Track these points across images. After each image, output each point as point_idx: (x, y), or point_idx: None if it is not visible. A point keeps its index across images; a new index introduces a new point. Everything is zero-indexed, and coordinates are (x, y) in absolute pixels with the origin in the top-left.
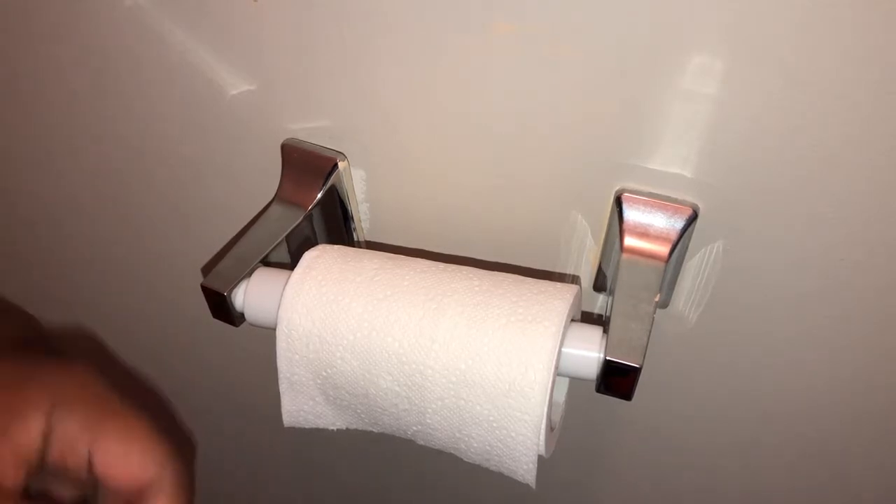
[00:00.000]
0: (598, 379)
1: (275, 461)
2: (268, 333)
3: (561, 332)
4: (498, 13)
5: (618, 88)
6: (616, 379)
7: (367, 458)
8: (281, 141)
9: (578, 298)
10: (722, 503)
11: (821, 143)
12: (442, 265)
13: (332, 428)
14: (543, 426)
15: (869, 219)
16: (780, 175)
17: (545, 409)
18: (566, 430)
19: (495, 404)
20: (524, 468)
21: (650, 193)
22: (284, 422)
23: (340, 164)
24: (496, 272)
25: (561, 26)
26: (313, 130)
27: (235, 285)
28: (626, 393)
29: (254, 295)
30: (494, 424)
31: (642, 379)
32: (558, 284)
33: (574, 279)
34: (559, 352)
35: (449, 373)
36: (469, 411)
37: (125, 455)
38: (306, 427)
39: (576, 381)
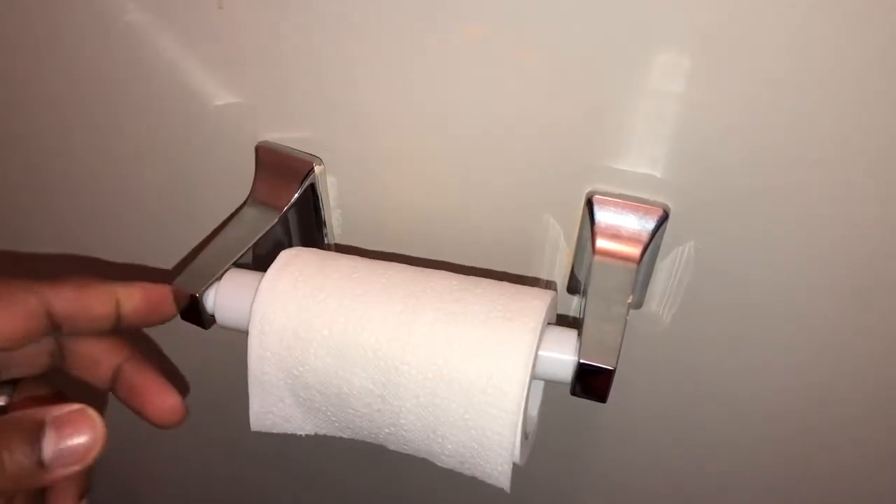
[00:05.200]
0: (572, 382)
1: (252, 465)
2: (240, 337)
3: (539, 329)
4: (467, 18)
5: (587, 90)
6: (590, 381)
7: (344, 464)
8: (251, 146)
9: (555, 301)
10: (698, 502)
11: (792, 142)
12: (420, 267)
13: (300, 433)
14: (519, 424)
15: (842, 219)
16: (750, 175)
17: (522, 406)
18: (542, 432)
19: (471, 401)
20: (498, 470)
21: (621, 195)
22: (252, 425)
23: (317, 168)
24: (473, 276)
25: (530, 29)
26: (283, 137)
27: (207, 287)
28: (600, 395)
29: (225, 296)
30: (469, 423)
31: (617, 380)
32: (535, 288)
33: (549, 284)
34: (537, 350)
35: (425, 368)
36: (444, 409)
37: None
38: (274, 431)
39: (551, 385)
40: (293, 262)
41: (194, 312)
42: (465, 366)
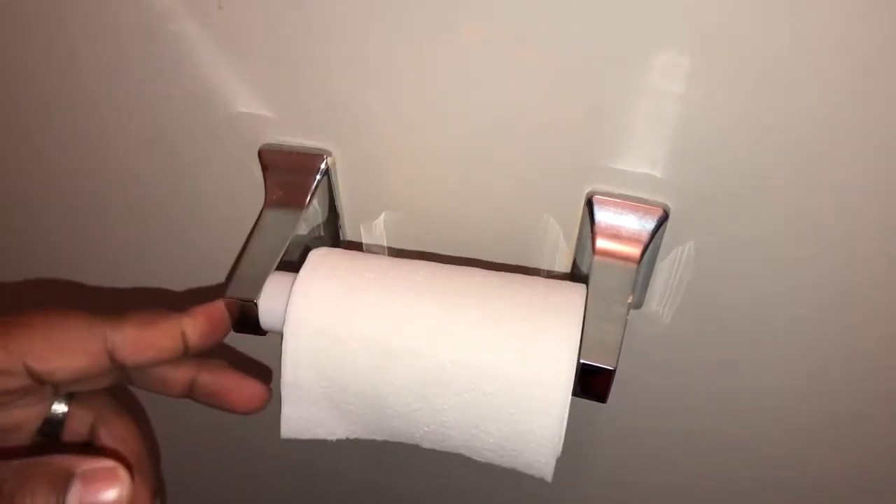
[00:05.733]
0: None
1: (270, 465)
2: (262, 340)
3: (581, 324)
4: (468, 17)
5: (587, 90)
6: (591, 381)
7: (365, 463)
8: (253, 147)
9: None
10: (699, 501)
11: (792, 142)
12: (453, 266)
13: (331, 438)
14: (565, 417)
15: (842, 218)
16: (750, 175)
17: (568, 398)
18: None
19: (518, 396)
20: (542, 461)
21: (621, 195)
22: (283, 432)
23: (328, 160)
24: (504, 272)
25: (530, 29)
26: (283, 138)
27: (259, 294)
28: (600, 395)
29: (272, 300)
30: (515, 417)
31: (617, 380)
32: (567, 282)
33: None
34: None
35: (470, 365)
36: (489, 405)
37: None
38: (304, 437)
39: None
40: (324, 263)
41: (251, 321)
42: (511, 362)
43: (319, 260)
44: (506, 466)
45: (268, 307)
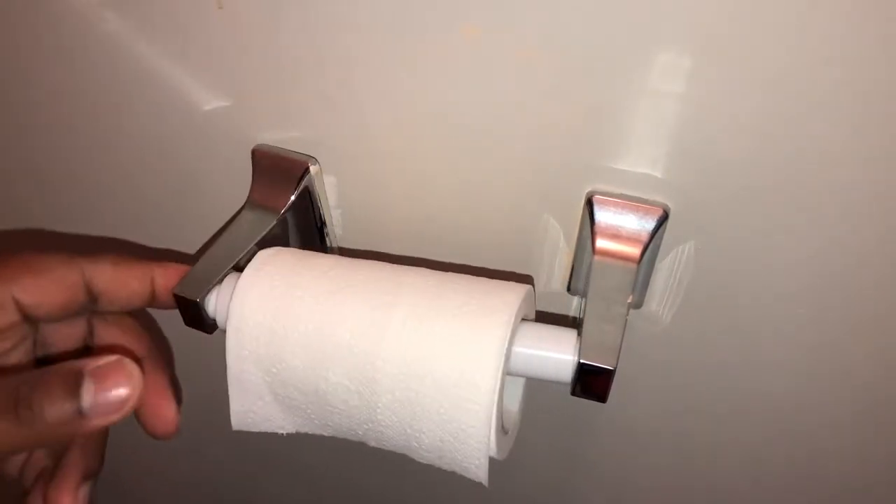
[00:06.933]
0: (572, 382)
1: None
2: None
3: (512, 323)
4: (466, 17)
5: (587, 90)
6: (590, 381)
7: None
8: (250, 147)
9: (531, 295)
10: (699, 501)
11: (792, 143)
12: (398, 265)
13: (281, 432)
14: (494, 417)
15: (842, 218)
16: (750, 175)
17: (495, 399)
18: (544, 431)
19: (446, 395)
20: (476, 464)
21: (621, 195)
22: (233, 424)
23: (312, 168)
24: (451, 272)
25: (530, 29)
26: (284, 138)
27: (208, 292)
28: (600, 395)
29: (225, 300)
30: (445, 417)
31: (617, 380)
32: (511, 283)
33: (527, 279)
34: (510, 344)
35: (400, 363)
36: (419, 404)
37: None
38: (255, 430)
39: (550, 384)
40: (270, 262)
41: (197, 318)
42: (439, 361)
43: (266, 259)
44: (446, 469)
45: (216, 306)
